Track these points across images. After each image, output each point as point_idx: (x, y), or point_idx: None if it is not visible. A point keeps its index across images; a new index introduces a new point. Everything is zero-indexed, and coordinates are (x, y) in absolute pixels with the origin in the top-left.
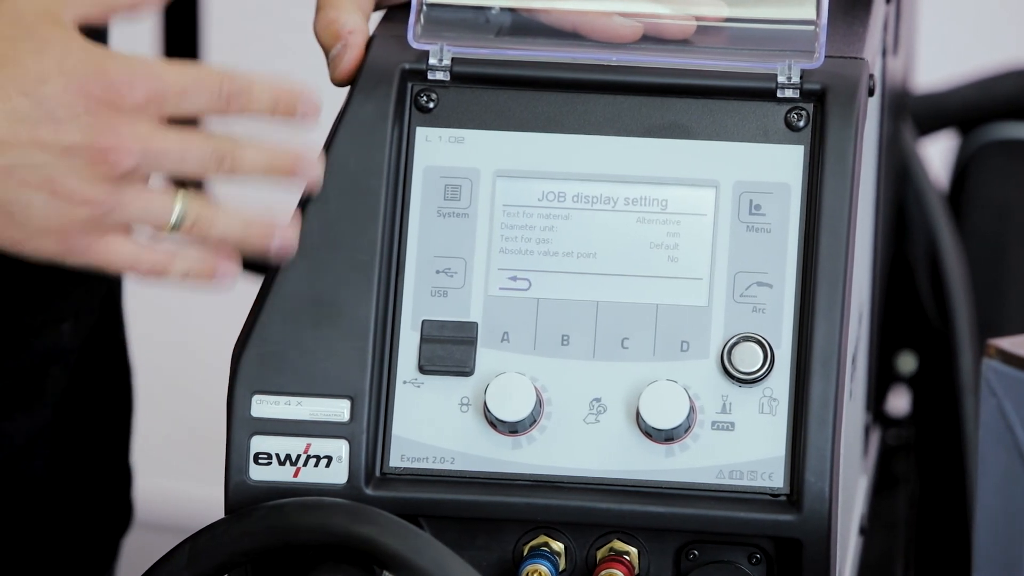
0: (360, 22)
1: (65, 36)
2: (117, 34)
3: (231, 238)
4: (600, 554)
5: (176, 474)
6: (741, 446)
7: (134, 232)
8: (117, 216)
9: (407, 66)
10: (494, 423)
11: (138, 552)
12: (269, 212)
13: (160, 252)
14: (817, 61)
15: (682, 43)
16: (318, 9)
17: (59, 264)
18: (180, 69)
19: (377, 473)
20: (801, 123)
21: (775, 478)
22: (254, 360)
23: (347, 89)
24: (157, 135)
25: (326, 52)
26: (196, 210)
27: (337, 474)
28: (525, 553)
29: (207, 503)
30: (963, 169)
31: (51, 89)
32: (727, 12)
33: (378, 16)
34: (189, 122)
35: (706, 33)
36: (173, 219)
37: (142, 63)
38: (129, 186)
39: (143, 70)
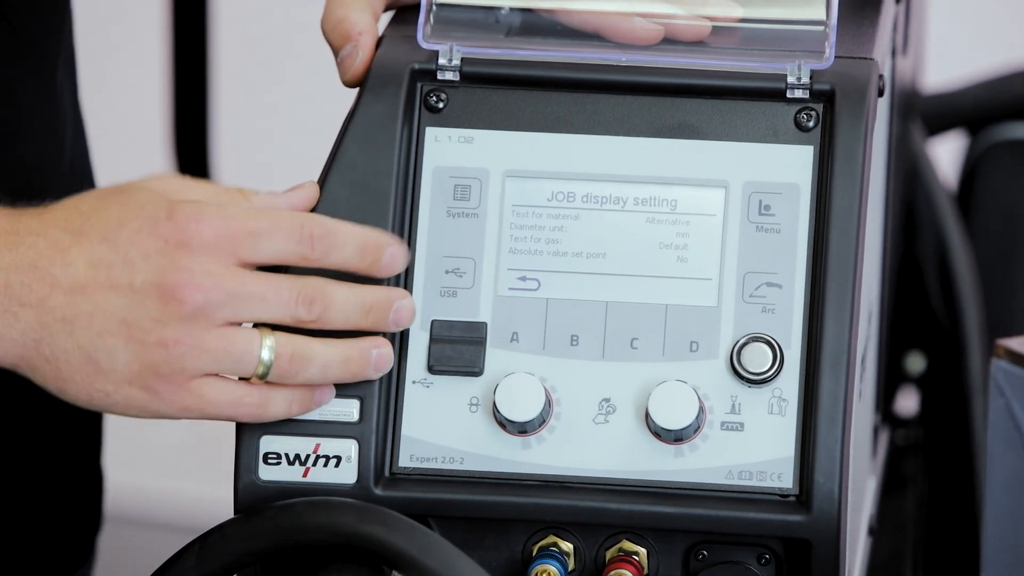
0: (370, 22)
1: (149, 191)
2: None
3: (331, 373)
4: (609, 554)
5: (184, 474)
6: (750, 446)
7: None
8: (198, 360)
9: (417, 66)
10: (503, 423)
11: (146, 552)
12: (378, 309)
13: (254, 396)
14: (827, 61)
15: (691, 43)
16: (327, 7)
17: (151, 418)
18: (257, 211)
19: (386, 473)
20: (811, 123)
21: (784, 478)
22: None
23: (356, 88)
24: (232, 276)
25: (335, 52)
26: (289, 352)
27: (346, 474)
28: (534, 553)
29: (216, 503)
30: (972, 169)
31: (127, 232)
32: (741, 12)
33: (387, 16)
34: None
35: (716, 33)
36: (261, 366)
37: (217, 205)
38: (209, 328)
39: (214, 211)
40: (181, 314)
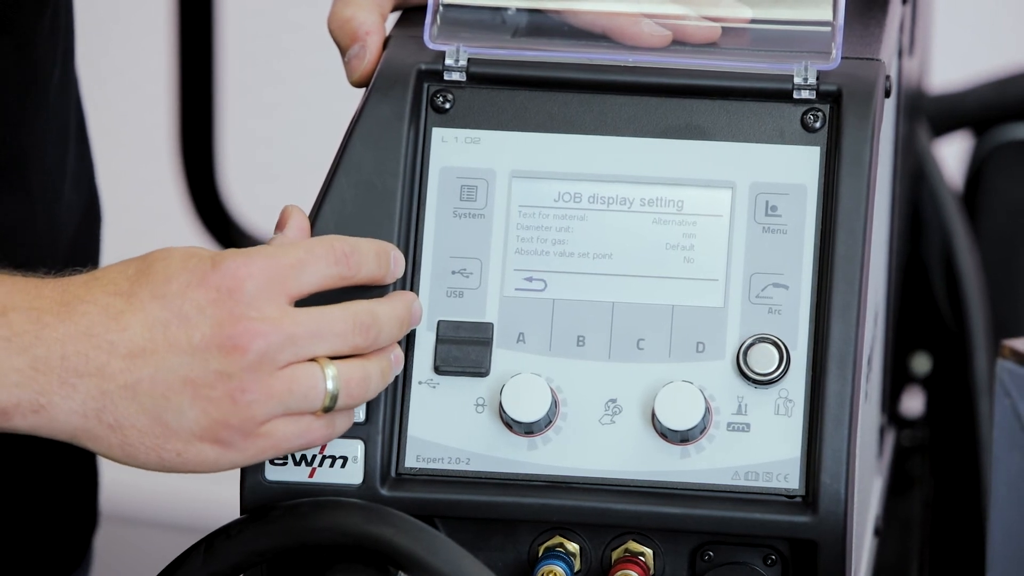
0: (377, 22)
1: (184, 248)
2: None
3: (381, 387)
4: (615, 555)
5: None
6: (757, 447)
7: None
8: (266, 406)
9: (423, 67)
10: (510, 424)
11: (152, 552)
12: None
13: (321, 423)
14: (833, 62)
15: (699, 45)
16: (334, 6)
17: (225, 470)
18: (291, 245)
19: (392, 473)
20: (817, 124)
21: (791, 479)
22: None
23: (362, 88)
24: (288, 317)
25: (342, 51)
26: (356, 378)
27: (353, 474)
28: (540, 554)
29: (222, 502)
30: (978, 170)
31: (176, 286)
32: (750, 14)
33: (393, 17)
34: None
35: (723, 34)
36: (328, 398)
37: (256, 249)
38: (273, 373)
39: (257, 254)
40: (245, 364)
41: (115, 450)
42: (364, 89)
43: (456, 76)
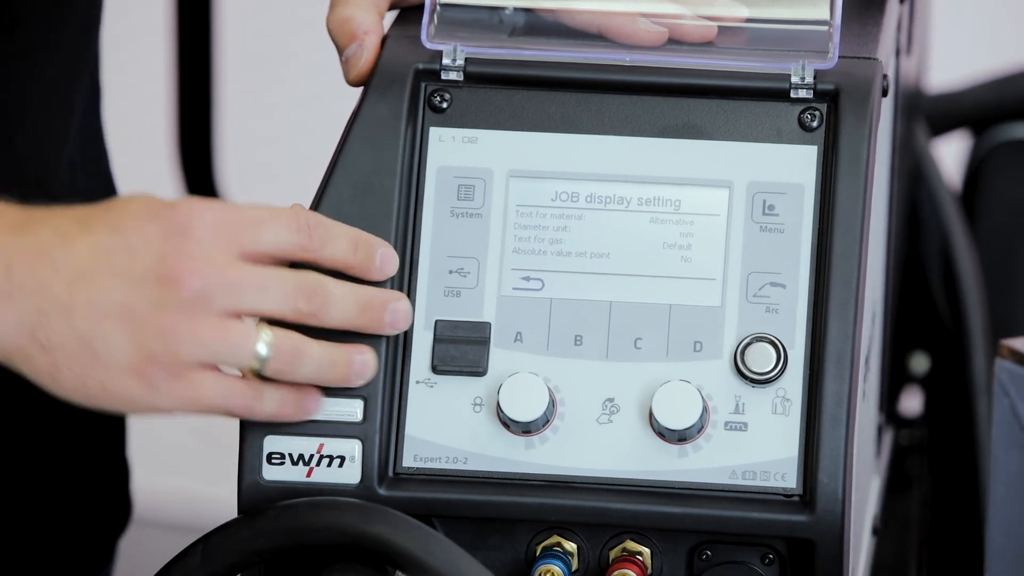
0: (375, 21)
1: (153, 195)
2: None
3: (324, 374)
4: (613, 554)
5: (189, 474)
6: (754, 446)
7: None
8: (194, 348)
9: (421, 66)
10: (507, 423)
11: (149, 552)
12: (371, 310)
13: (247, 390)
14: (831, 61)
15: (696, 44)
16: (332, 6)
17: (146, 413)
18: (256, 206)
19: (390, 473)
20: (815, 123)
21: (788, 478)
22: None
23: (360, 88)
24: (232, 264)
25: (340, 51)
26: (287, 346)
27: (350, 474)
28: (538, 553)
29: (220, 503)
30: (976, 169)
31: (131, 221)
32: (746, 13)
33: (392, 15)
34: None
35: (720, 33)
36: (257, 360)
37: (219, 201)
38: (207, 317)
39: (218, 203)
40: (179, 299)
41: (44, 376)
42: (361, 89)
43: (453, 75)
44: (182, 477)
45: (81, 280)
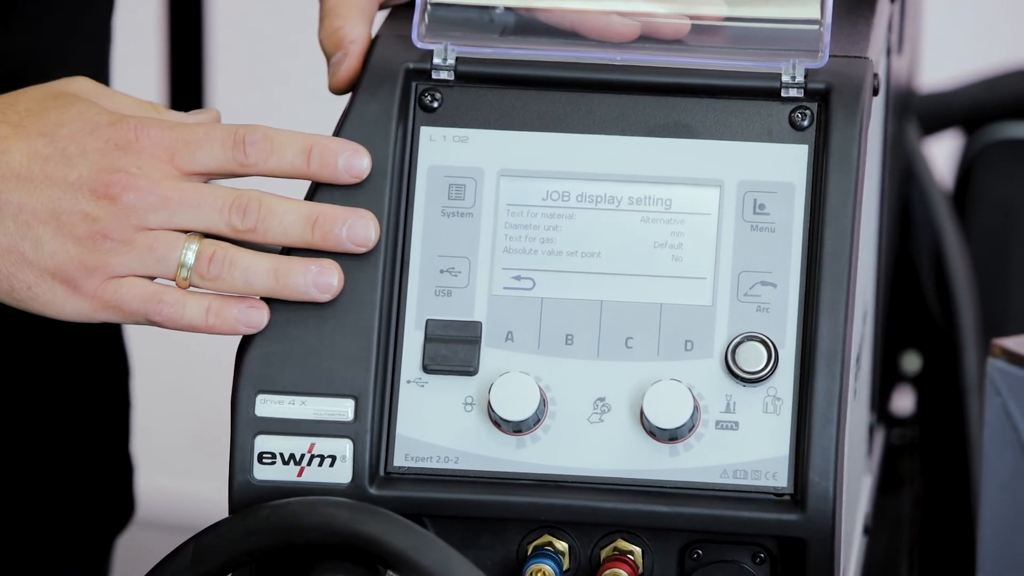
0: (363, 31)
1: (87, 101)
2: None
3: (256, 282)
4: (604, 553)
5: (180, 473)
6: (745, 445)
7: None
8: (122, 256)
9: (411, 65)
10: (498, 422)
11: (141, 551)
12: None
13: (170, 295)
14: (821, 60)
15: (687, 43)
16: (322, 18)
17: (70, 318)
18: (196, 124)
19: (381, 472)
20: (805, 122)
21: (779, 477)
22: (258, 360)
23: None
24: (167, 180)
25: (328, 60)
26: (210, 253)
27: (341, 473)
28: (529, 552)
29: (211, 502)
30: (968, 169)
31: (67, 130)
32: (727, 11)
33: (382, 15)
34: None
35: (709, 32)
36: (183, 268)
37: (156, 117)
38: (138, 229)
39: (156, 120)
40: (112, 211)
41: None
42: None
43: (444, 75)
44: (175, 477)
45: (13, 181)
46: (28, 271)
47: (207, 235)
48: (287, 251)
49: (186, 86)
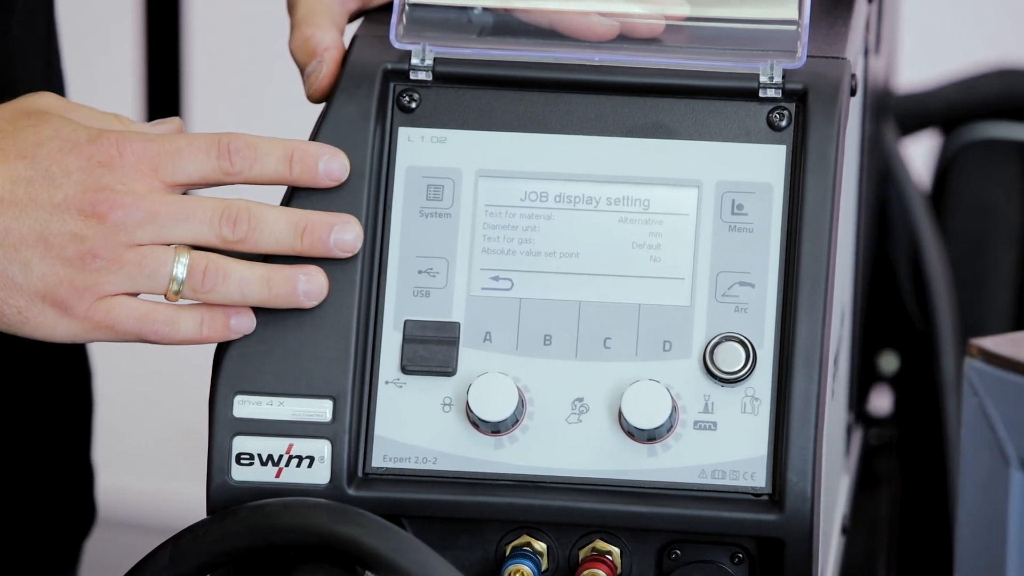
0: (335, 38)
1: (60, 117)
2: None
3: (249, 293)
4: (582, 554)
5: (158, 474)
6: (723, 446)
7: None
8: (112, 275)
9: (389, 66)
10: (476, 423)
11: (119, 552)
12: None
13: (163, 313)
14: (799, 61)
15: (664, 43)
16: (293, 28)
17: (62, 340)
18: (177, 135)
19: (359, 473)
20: (783, 123)
21: (757, 478)
22: (236, 360)
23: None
24: (154, 195)
25: (301, 70)
26: (202, 266)
27: (319, 474)
28: (508, 553)
29: (189, 503)
30: (945, 169)
31: (46, 150)
32: (704, 12)
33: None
34: None
35: (687, 33)
36: (174, 283)
37: (137, 132)
38: (127, 246)
39: (135, 134)
40: (101, 230)
41: None
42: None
43: (422, 75)
44: (150, 477)
45: (0, 207)
46: (18, 295)
47: (194, 246)
48: (268, 257)
49: (163, 95)
